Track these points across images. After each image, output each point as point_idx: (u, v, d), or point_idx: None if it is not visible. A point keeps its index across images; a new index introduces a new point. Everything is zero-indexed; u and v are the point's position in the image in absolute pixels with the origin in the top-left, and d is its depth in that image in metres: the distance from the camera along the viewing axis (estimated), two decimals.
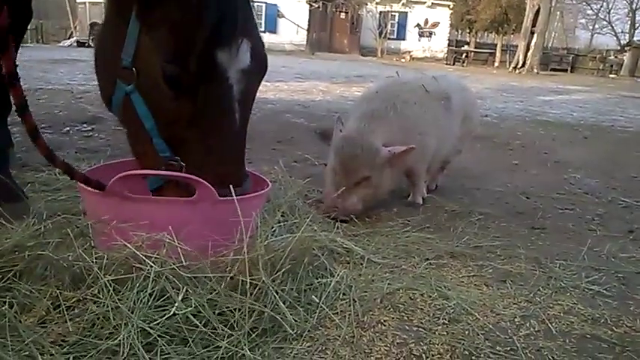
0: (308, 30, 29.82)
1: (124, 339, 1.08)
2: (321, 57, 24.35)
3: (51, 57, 11.66)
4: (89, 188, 1.41)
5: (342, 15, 29.95)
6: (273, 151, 3.58)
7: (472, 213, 2.57)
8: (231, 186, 1.39)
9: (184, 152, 1.42)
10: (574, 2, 46.60)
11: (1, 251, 1.22)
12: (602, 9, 45.19)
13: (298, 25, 29.75)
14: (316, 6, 29.55)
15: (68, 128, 3.70)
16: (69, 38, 22.68)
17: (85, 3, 21.41)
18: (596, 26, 47.76)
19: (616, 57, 29.58)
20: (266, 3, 28.11)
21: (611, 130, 6.38)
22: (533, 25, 24.51)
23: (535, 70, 23.92)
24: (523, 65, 24.39)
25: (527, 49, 24.61)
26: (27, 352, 1.03)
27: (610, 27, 44.36)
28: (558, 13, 44.42)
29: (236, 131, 1.45)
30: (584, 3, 45.99)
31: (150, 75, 1.37)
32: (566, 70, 28.76)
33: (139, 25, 1.36)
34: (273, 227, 1.64)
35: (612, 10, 47.06)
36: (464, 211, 2.61)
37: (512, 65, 25.15)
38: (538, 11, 24.24)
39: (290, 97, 7.14)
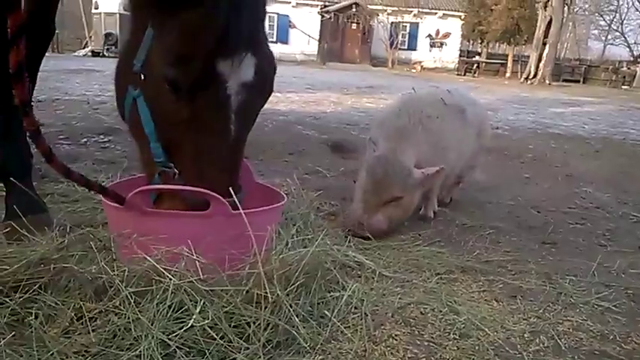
0: (319, 40, 30.04)
1: (144, 350, 1.12)
2: (332, 67, 24.49)
3: (67, 67, 11.87)
4: (110, 202, 1.46)
5: (354, 26, 30.13)
6: (285, 163, 3.63)
7: (483, 227, 2.59)
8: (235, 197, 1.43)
9: (178, 158, 1.46)
10: (586, 13, 46.48)
11: (27, 263, 1.28)
12: (614, 20, 45.02)
13: (310, 36, 29.99)
14: (328, 17, 29.78)
15: (85, 139, 3.78)
16: (84, 48, 23.01)
17: (100, 13, 21.71)
18: (609, 37, 47.58)
19: (629, 68, 29.40)
20: (278, 14, 28.39)
21: (623, 143, 6.36)
22: (545, 36, 24.46)
23: (547, 81, 23.84)
24: (535, 76, 24.33)
25: (539, 60, 24.55)
26: None
27: (623, 38, 44.15)
28: (571, 23, 44.30)
29: (230, 142, 1.46)
30: (596, 14, 45.83)
31: (154, 79, 1.41)
32: (578, 81, 28.64)
33: (152, 34, 1.42)
34: (287, 241, 1.67)
35: (625, 21, 46.77)
36: (475, 225, 2.63)
37: (524, 76, 25.11)
38: (550, 22, 24.21)
39: (301, 109, 7.21)
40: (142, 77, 1.43)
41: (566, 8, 25.88)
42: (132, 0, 1.54)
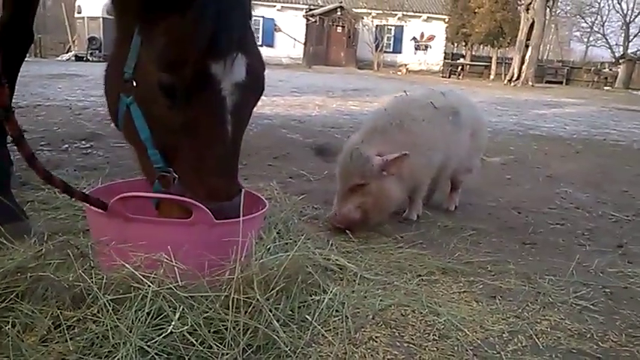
0: (305, 44, 30.09)
1: (122, 357, 1.12)
2: (317, 70, 24.55)
3: (49, 72, 11.75)
4: (93, 208, 1.46)
5: (339, 29, 30.22)
6: (269, 167, 3.63)
7: (464, 228, 2.62)
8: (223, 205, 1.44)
9: (177, 163, 1.45)
10: (568, 15, 47.16)
11: (4, 272, 1.27)
12: (596, 22, 45.74)
13: (295, 39, 30.03)
14: (313, 20, 29.84)
15: (67, 145, 3.74)
16: (67, 52, 22.79)
17: (83, 17, 21.56)
18: (591, 39, 48.31)
19: (610, 69, 29.90)
20: (263, 17, 28.39)
21: (603, 143, 6.46)
22: (528, 39, 24.80)
23: (530, 83, 24.15)
24: (518, 78, 24.64)
25: (522, 62, 24.88)
26: None
27: (604, 40, 44.87)
28: (553, 25, 44.98)
29: (228, 144, 1.46)
30: (578, 16, 46.53)
31: (147, 85, 1.41)
32: (561, 83, 29.02)
33: (140, 40, 1.42)
34: (268, 246, 1.68)
35: (606, 23, 47.61)
36: (456, 226, 2.66)
37: (508, 78, 25.41)
38: (532, 25, 24.54)
39: (286, 112, 7.21)
40: (134, 84, 1.42)
41: (548, 11, 26.26)
42: (117, 6, 1.53)
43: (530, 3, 24.64)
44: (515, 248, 2.41)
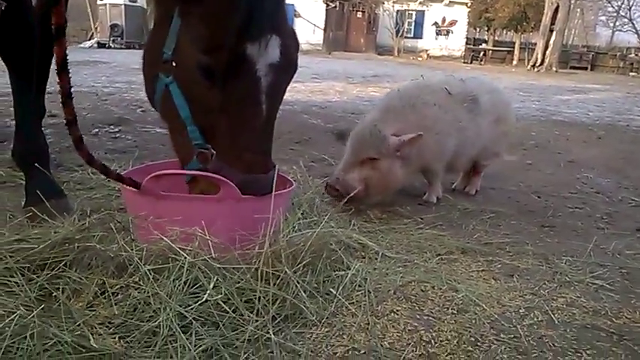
0: (325, 29, 29.92)
1: (163, 321, 1.22)
2: (337, 56, 24.43)
3: (73, 59, 11.75)
4: (128, 187, 1.56)
5: (359, 14, 29.97)
6: (292, 152, 3.71)
7: (484, 211, 2.67)
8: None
9: (215, 140, 1.53)
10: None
11: (52, 243, 1.37)
12: (622, 6, 44.43)
13: (315, 25, 29.87)
14: (333, 5, 29.63)
15: (97, 130, 3.87)
16: (89, 39, 23.06)
17: (105, 4, 21.74)
18: (617, 23, 47.00)
19: (637, 55, 29.10)
20: None
21: (627, 129, 6.38)
22: (552, 23, 24.25)
23: (554, 69, 23.68)
24: (542, 63, 24.16)
25: (546, 47, 24.37)
26: (79, 332, 1.17)
27: (631, 24, 43.60)
28: (578, 10, 43.83)
29: (263, 122, 1.55)
30: (604, 0, 45.27)
31: (187, 66, 1.49)
32: (586, 68, 28.38)
33: (179, 22, 1.49)
34: (294, 224, 1.76)
35: (633, 8, 46.14)
36: (476, 209, 2.71)
37: (531, 63, 24.93)
38: (557, 9, 24.00)
39: (307, 98, 7.27)
40: (174, 64, 1.50)
41: None
42: None
43: None
44: (534, 230, 2.46)
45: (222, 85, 1.47)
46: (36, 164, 1.98)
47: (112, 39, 21.13)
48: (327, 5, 29.77)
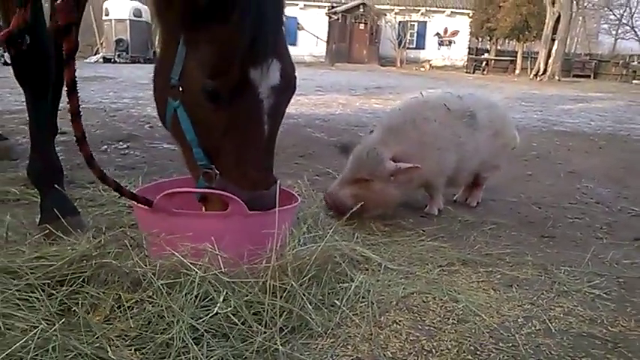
0: (327, 41, 30.20)
1: (176, 333, 1.28)
2: (340, 68, 24.64)
3: (80, 74, 11.91)
4: (140, 205, 1.64)
5: (362, 26, 30.24)
6: (296, 165, 3.78)
7: (485, 223, 2.73)
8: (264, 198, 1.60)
9: (220, 160, 1.62)
10: (596, 8, 46.11)
11: (70, 260, 1.45)
12: (625, 14, 44.61)
13: (318, 37, 30.16)
14: (335, 18, 29.93)
15: (105, 146, 3.97)
16: (95, 54, 23.38)
17: (110, 20, 22.08)
18: (620, 31, 47.16)
19: (639, 63, 29.16)
20: (286, 16, 28.52)
21: (628, 139, 6.43)
22: (554, 32, 24.41)
23: (557, 77, 23.79)
24: (544, 72, 24.30)
25: (549, 56, 24.52)
26: (98, 344, 1.23)
27: (633, 32, 43.74)
28: (580, 18, 44.02)
29: (265, 142, 1.64)
30: (606, 8, 45.46)
31: (192, 91, 1.57)
32: (589, 77, 28.48)
33: (185, 49, 1.58)
34: (300, 238, 1.83)
35: (635, 15, 46.33)
36: (477, 221, 2.77)
37: (534, 73, 25.07)
38: (559, 18, 24.15)
39: (310, 111, 7.36)
40: (180, 89, 1.59)
41: (574, 3, 25.78)
42: (161, 15, 1.70)
43: None
44: (534, 241, 2.51)
45: (226, 107, 1.55)
46: (51, 182, 2.07)
47: (117, 54, 21.44)
48: (330, 17, 30.06)
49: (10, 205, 2.41)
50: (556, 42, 24.38)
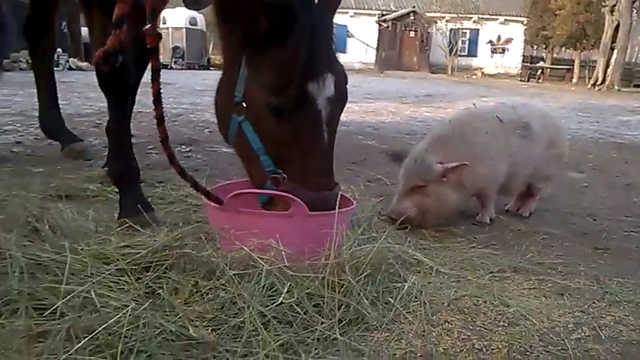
0: (377, 49, 30.27)
1: (247, 317, 1.43)
2: (390, 75, 24.62)
3: (142, 80, 12.71)
4: (212, 204, 1.81)
5: (412, 33, 30.17)
6: (349, 172, 3.90)
7: (537, 232, 2.75)
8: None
9: (285, 166, 1.80)
10: None
11: (154, 249, 1.62)
12: None
13: (367, 45, 30.28)
14: (385, 25, 29.98)
15: None
16: None
17: (167, 28, 22.96)
18: None
19: None
20: (336, 24, 28.76)
21: None
22: (613, 41, 23.52)
23: (616, 87, 22.89)
24: (603, 82, 23.43)
25: (607, 66, 23.63)
26: (180, 323, 1.39)
27: None
28: None
29: (326, 148, 1.82)
30: None
31: (257, 106, 1.77)
32: None
33: (247, 70, 1.77)
34: (355, 239, 1.95)
35: None
36: (529, 230, 2.79)
37: (592, 82, 24.21)
38: (618, 26, 23.26)
39: (361, 119, 7.47)
40: (244, 105, 1.78)
41: (635, 12, 24.78)
42: (225, 43, 1.90)
43: (615, 4, 23.38)
44: (588, 252, 2.52)
45: (289, 119, 1.73)
46: (130, 182, 2.28)
47: (173, 60, 22.31)
48: (380, 25, 30.13)
49: (90, 201, 2.64)
50: (615, 51, 23.49)
